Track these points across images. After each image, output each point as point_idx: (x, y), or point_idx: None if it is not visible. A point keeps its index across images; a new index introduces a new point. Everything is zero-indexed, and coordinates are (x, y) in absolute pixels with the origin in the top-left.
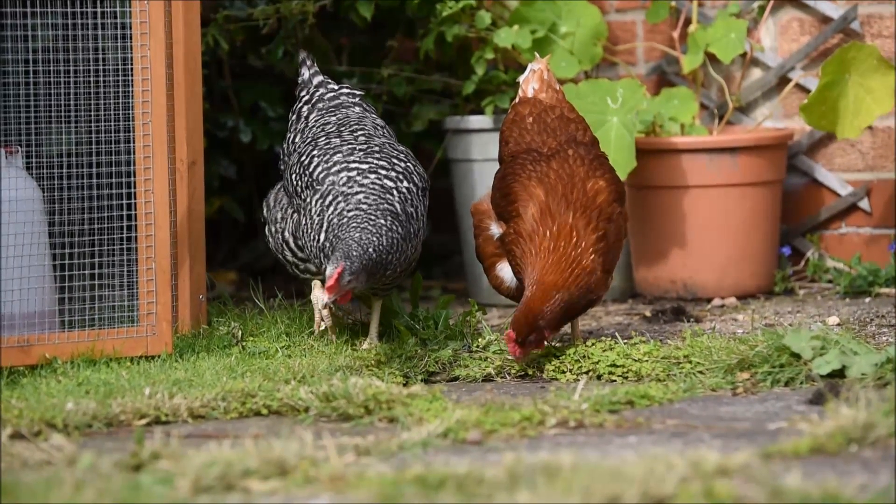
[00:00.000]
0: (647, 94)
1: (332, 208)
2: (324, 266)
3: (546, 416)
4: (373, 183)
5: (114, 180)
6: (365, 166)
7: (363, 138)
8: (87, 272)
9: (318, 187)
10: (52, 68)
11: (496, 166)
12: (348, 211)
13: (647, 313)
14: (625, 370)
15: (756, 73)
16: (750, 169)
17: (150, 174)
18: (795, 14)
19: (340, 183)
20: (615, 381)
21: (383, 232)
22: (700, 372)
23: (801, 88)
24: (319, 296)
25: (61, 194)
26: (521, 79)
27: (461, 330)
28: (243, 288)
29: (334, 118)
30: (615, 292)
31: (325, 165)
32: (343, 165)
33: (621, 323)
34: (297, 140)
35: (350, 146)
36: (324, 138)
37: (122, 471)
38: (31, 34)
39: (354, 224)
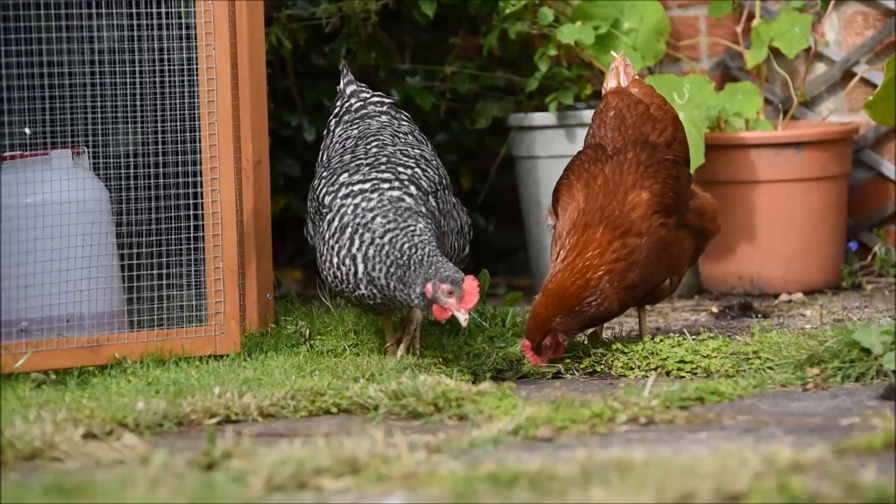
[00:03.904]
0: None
1: (357, 243)
2: (427, 293)
3: (616, 412)
4: (379, 202)
5: (181, 180)
6: (367, 185)
7: (375, 150)
8: (154, 272)
9: (325, 212)
10: (116, 69)
11: (560, 163)
12: (381, 238)
13: (714, 309)
14: (693, 366)
15: (820, 68)
16: (815, 163)
17: (217, 174)
18: (859, 7)
19: (350, 213)
20: (684, 377)
21: (429, 235)
22: (769, 367)
23: (866, 82)
24: (465, 316)
25: (128, 195)
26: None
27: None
28: (309, 286)
29: (356, 131)
30: (681, 289)
31: (331, 188)
32: (348, 189)
33: (688, 319)
34: (323, 158)
35: (357, 162)
36: (337, 157)
37: (195, 469)
38: (95, 35)
39: (406, 244)
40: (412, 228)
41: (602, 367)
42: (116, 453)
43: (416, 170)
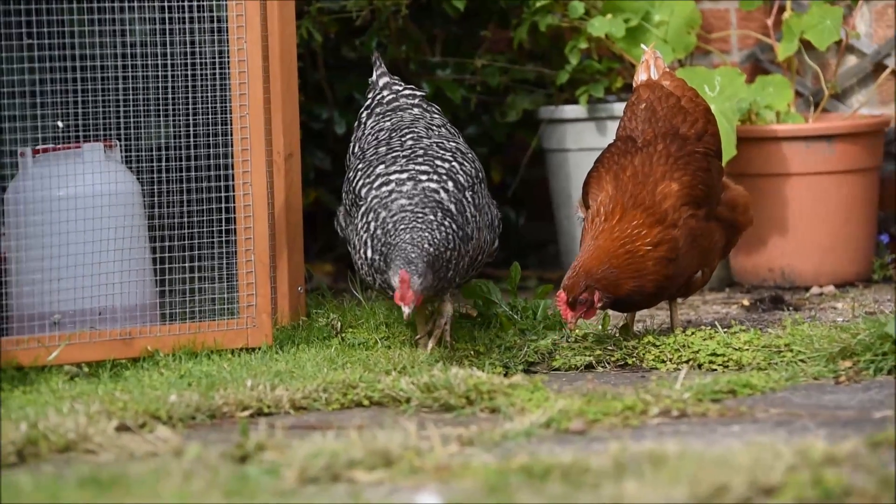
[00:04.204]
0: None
1: (374, 222)
2: (389, 279)
3: (648, 405)
4: (413, 189)
5: (212, 173)
6: (405, 175)
7: (410, 142)
8: (185, 265)
9: (360, 203)
10: (148, 62)
11: (591, 156)
12: (391, 217)
13: (746, 302)
14: (725, 359)
15: (851, 60)
16: (846, 156)
17: (249, 167)
18: (890, 0)
19: (382, 196)
20: (715, 370)
21: (434, 226)
22: (801, 360)
23: None
24: (405, 310)
25: (159, 188)
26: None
27: (560, 320)
28: (340, 279)
29: (388, 123)
30: (712, 281)
31: (367, 179)
32: (384, 179)
33: (719, 312)
34: (356, 150)
35: (394, 154)
36: (371, 149)
37: (228, 462)
38: (127, 28)
39: (402, 226)
40: (420, 216)
41: (633, 359)
42: (150, 446)
43: (454, 163)
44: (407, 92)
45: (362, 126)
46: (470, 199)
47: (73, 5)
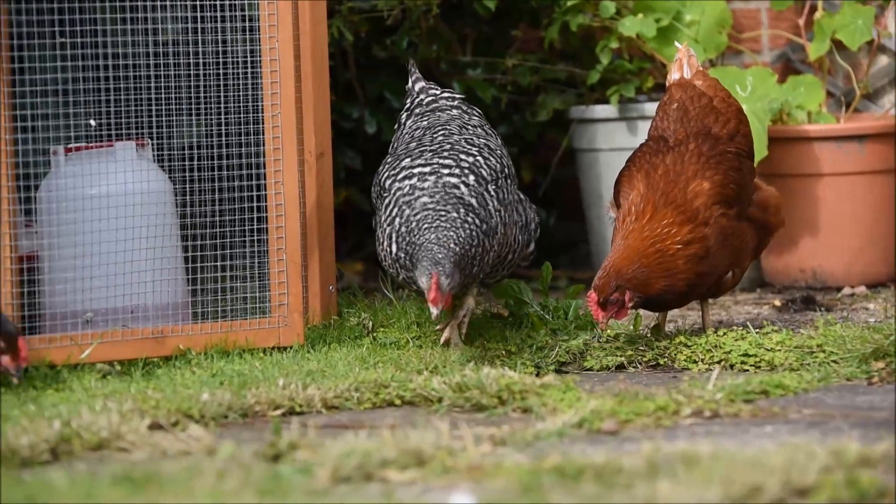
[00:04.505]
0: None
1: (398, 218)
2: (416, 278)
3: (681, 405)
4: (434, 184)
5: (244, 172)
6: (427, 169)
7: (440, 138)
8: (217, 264)
9: (384, 195)
10: (180, 61)
11: (621, 156)
12: (415, 215)
13: (777, 302)
14: (757, 359)
15: (883, 60)
16: (878, 156)
17: (280, 166)
18: None
19: (404, 191)
20: (747, 370)
21: (458, 224)
22: (834, 361)
23: None
24: (433, 311)
25: (191, 186)
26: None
27: (591, 320)
28: (370, 278)
29: (425, 122)
30: (743, 282)
31: (392, 171)
32: (408, 172)
33: (751, 312)
34: (391, 149)
35: (421, 149)
36: (403, 146)
37: (261, 461)
38: (160, 27)
39: (426, 225)
40: (443, 214)
41: (665, 360)
42: (182, 444)
43: (479, 158)
44: (446, 94)
45: (402, 126)
46: (493, 192)
47: (105, 4)
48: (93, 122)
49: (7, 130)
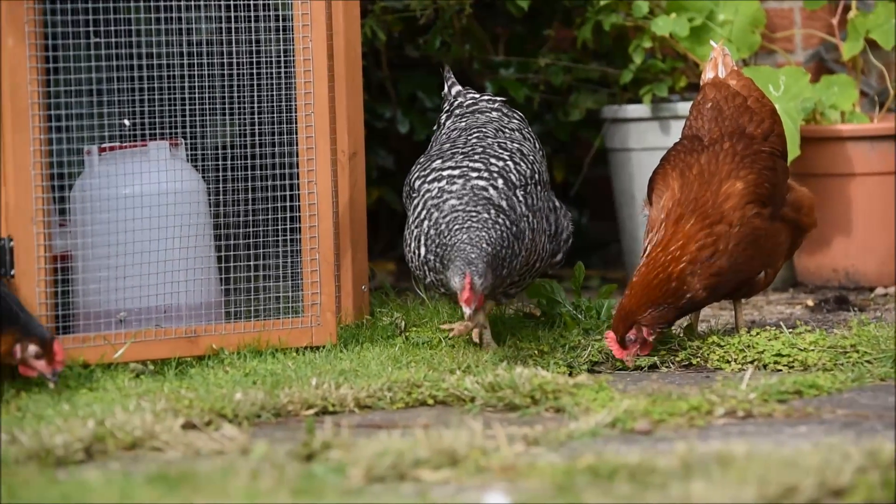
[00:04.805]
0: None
1: (427, 221)
2: (448, 280)
3: (714, 405)
4: (462, 187)
5: (277, 171)
6: (456, 172)
7: (474, 140)
8: (250, 263)
9: (413, 196)
10: (214, 61)
11: (654, 155)
12: (444, 217)
13: (810, 302)
14: (790, 359)
15: None
16: None
17: (314, 165)
18: None
19: (432, 194)
20: (781, 370)
21: (490, 224)
22: (868, 361)
23: None
24: (466, 311)
25: (224, 186)
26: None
27: None
28: (402, 278)
29: (463, 123)
30: (776, 282)
31: (422, 172)
32: (437, 174)
33: (783, 312)
34: (429, 148)
35: (453, 151)
36: (437, 146)
37: (295, 460)
38: (194, 27)
39: (457, 226)
40: (474, 214)
41: (698, 359)
42: (216, 443)
43: (509, 162)
44: (487, 97)
45: (441, 127)
46: (521, 197)
47: (139, 4)
48: (127, 122)
49: (41, 130)
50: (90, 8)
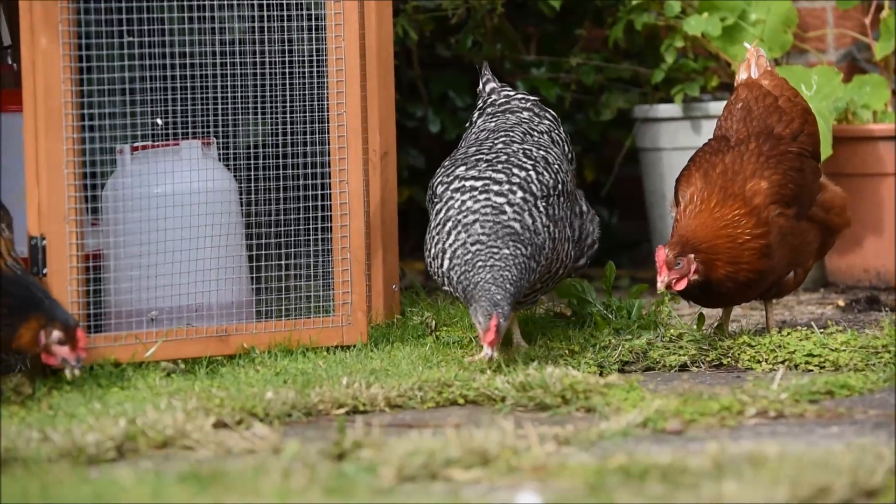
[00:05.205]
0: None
1: (451, 237)
2: (471, 315)
3: (745, 405)
4: (484, 206)
5: (308, 171)
6: (479, 184)
7: (500, 145)
8: (281, 262)
9: (435, 200)
10: (247, 60)
11: (685, 155)
12: (472, 244)
13: (841, 303)
14: (822, 360)
15: None
16: None
17: (345, 164)
18: None
19: (455, 207)
20: (812, 370)
21: (511, 262)
22: None
23: None
24: (489, 353)
25: (255, 185)
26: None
27: (654, 319)
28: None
29: (492, 124)
30: (807, 282)
31: (446, 178)
32: (460, 183)
33: (814, 312)
34: (458, 147)
35: (478, 156)
36: (463, 149)
37: (326, 459)
38: (227, 27)
39: (481, 261)
40: (495, 251)
41: (729, 360)
42: (247, 442)
43: (531, 172)
44: (520, 95)
45: (472, 125)
46: (542, 209)
47: (172, 3)
48: (159, 122)
49: (74, 129)
50: (123, 7)
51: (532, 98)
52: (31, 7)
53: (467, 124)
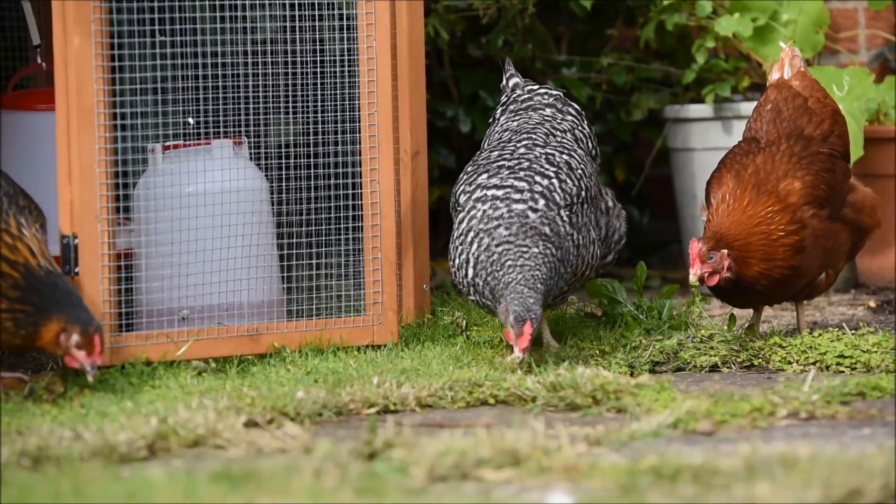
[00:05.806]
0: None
1: (475, 245)
2: (501, 314)
3: (776, 406)
4: (506, 213)
5: (339, 170)
6: (501, 192)
7: (522, 150)
8: (312, 262)
9: (458, 209)
10: (278, 59)
11: (716, 155)
12: (497, 246)
13: (872, 304)
14: (853, 361)
15: None
16: None
17: (376, 164)
18: None
19: (478, 217)
20: (843, 372)
21: (541, 260)
22: None
23: None
24: (521, 357)
25: (287, 184)
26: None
27: (685, 320)
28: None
29: (515, 124)
30: (838, 283)
31: (468, 187)
32: (482, 192)
33: (845, 313)
34: (483, 145)
35: (499, 164)
36: (486, 153)
37: (357, 459)
38: (258, 26)
39: (509, 262)
40: (525, 250)
41: (759, 360)
42: (279, 442)
43: (554, 180)
44: (542, 91)
45: (495, 122)
46: (565, 217)
47: (203, 3)
48: (191, 121)
49: (106, 128)
50: (155, 7)
51: (555, 92)
52: (64, 7)
53: (490, 120)
